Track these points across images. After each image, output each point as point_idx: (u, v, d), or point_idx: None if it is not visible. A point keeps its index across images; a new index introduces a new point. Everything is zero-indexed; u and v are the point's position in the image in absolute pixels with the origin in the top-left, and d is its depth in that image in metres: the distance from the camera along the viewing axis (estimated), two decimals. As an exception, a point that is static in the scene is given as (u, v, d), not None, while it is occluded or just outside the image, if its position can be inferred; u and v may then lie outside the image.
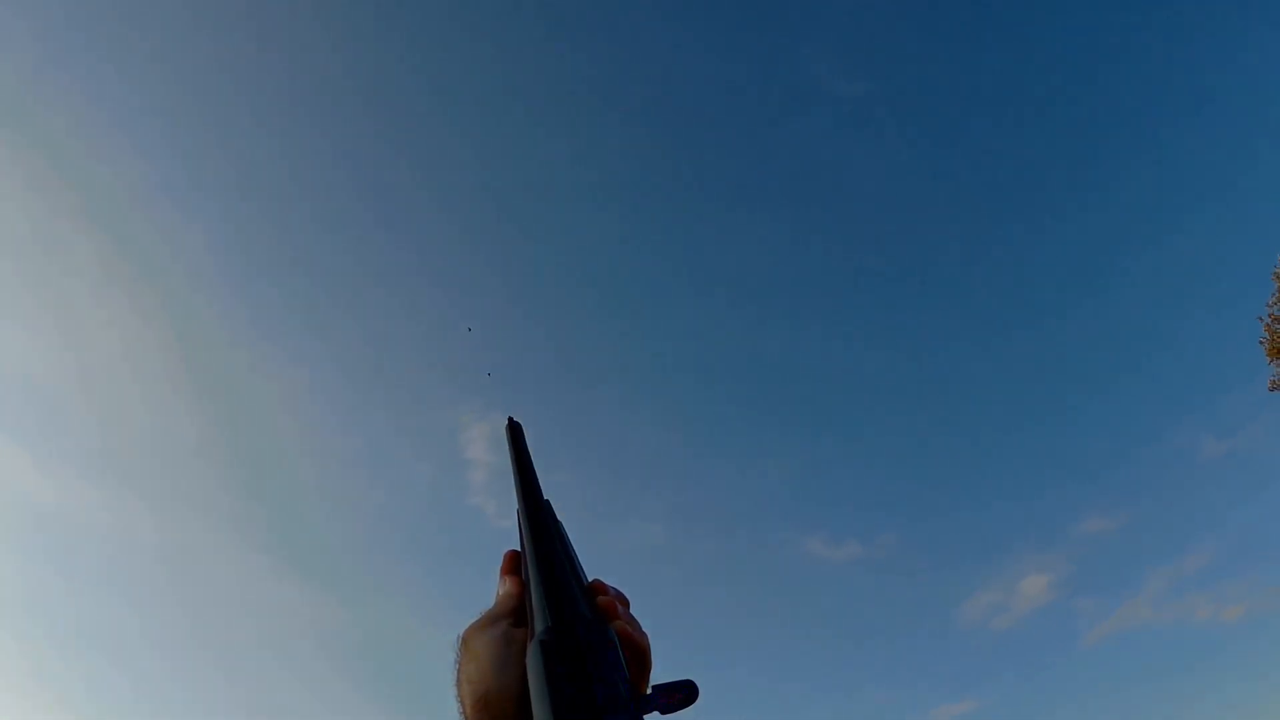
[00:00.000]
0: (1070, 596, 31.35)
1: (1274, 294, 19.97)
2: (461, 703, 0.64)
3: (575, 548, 0.72)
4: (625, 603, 0.67)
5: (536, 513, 0.73)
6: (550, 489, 0.76)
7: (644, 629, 0.65)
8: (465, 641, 0.67)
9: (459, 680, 0.65)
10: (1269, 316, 20.11)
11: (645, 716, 0.54)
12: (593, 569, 0.70)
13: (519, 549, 0.73)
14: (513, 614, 0.68)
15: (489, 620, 0.68)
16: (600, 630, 0.56)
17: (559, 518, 0.74)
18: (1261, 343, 20.27)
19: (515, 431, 0.84)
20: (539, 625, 0.59)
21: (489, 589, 0.74)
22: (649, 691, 0.56)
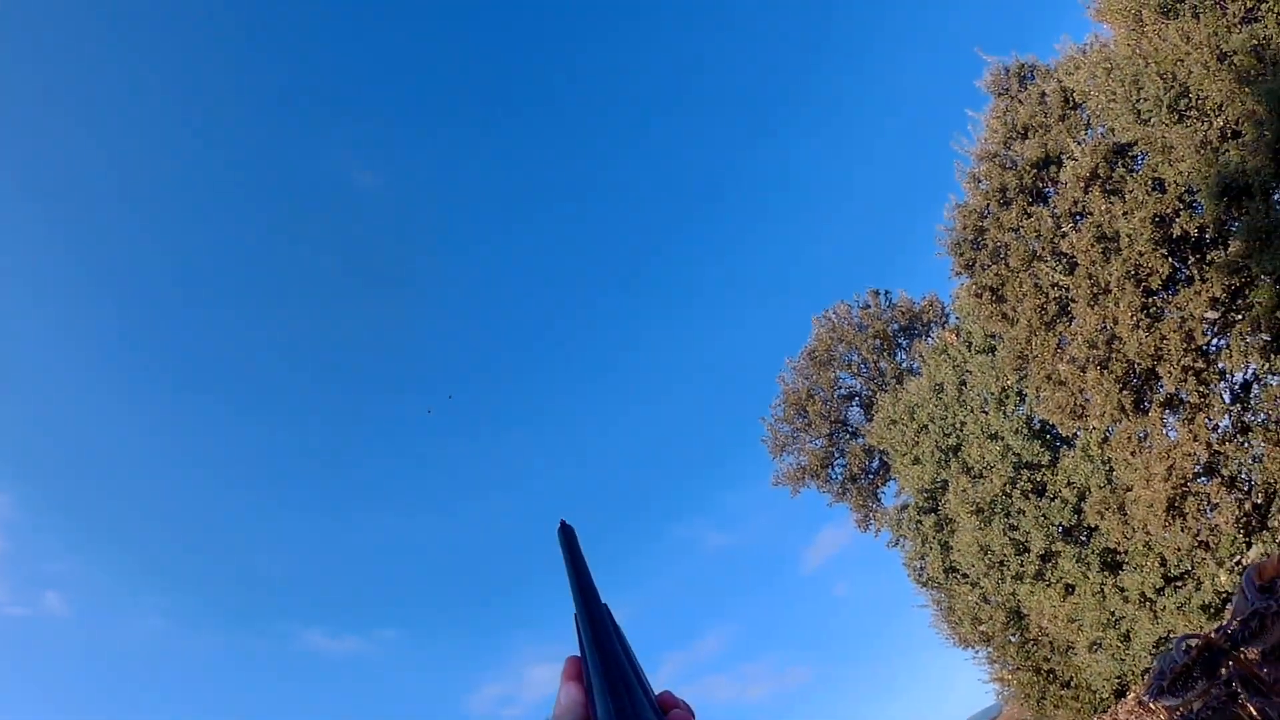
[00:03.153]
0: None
1: (778, 397, 23.15)
2: None
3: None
4: (693, 717, 0.65)
5: (598, 618, 0.71)
6: (57, 578, 0.66)
7: None
8: None
9: None
10: (772, 417, 23.05)
11: None
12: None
13: (578, 654, 0.71)
14: None
15: None
16: None
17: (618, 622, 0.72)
18: (764, 441, 23.22)
19: (568, 535, 0.82)
20: None
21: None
22: None
